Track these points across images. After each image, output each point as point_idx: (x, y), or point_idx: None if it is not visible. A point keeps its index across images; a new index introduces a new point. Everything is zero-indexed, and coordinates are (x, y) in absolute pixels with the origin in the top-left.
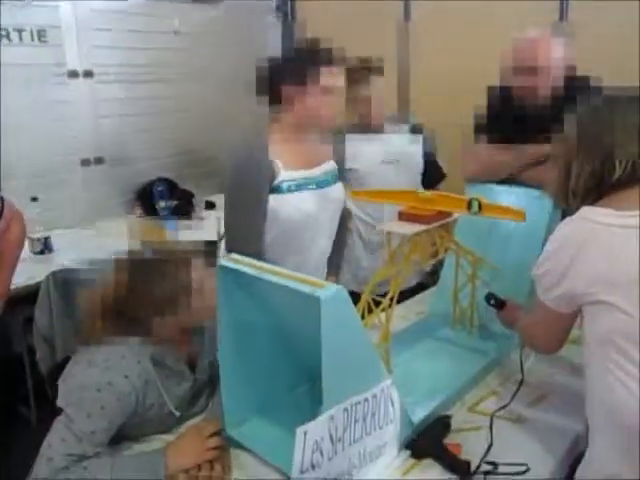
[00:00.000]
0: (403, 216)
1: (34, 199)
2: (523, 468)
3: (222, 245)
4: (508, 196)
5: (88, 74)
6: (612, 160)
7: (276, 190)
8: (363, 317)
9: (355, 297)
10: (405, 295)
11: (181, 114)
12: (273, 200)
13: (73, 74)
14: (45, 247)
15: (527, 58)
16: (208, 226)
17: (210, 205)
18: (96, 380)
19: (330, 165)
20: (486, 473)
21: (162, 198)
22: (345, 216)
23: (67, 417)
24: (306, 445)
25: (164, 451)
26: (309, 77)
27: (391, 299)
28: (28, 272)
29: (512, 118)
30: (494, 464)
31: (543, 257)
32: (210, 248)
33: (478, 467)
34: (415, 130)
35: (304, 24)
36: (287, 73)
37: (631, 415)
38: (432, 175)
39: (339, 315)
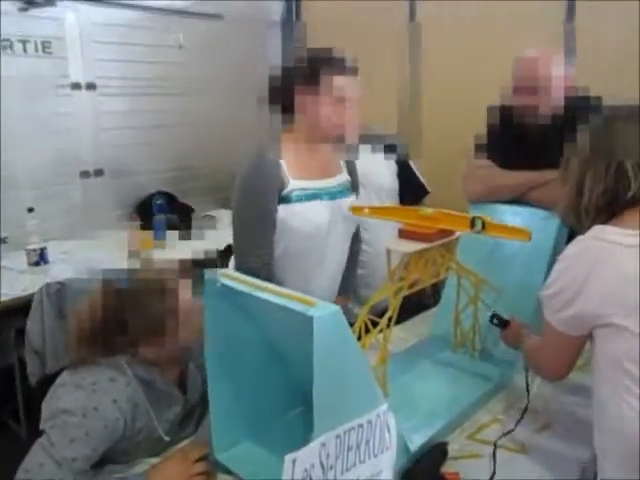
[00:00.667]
0: (403, 233)
1: (30, 210)
2: None
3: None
4: (513, 216)
5: (91, 86)
6: (627, 176)
7: (285, 200)
8: (360, 338)
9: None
10: (405, 311)
11: (183, 128)
12: (282, 210)
13: (76, 86)
14: (41, 258)
15: (527, 78)
16: (208, 237)
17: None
18: (82, 404)
19: (344, 177)
20: None
21: (161, 211)
22: (358, 234)
23: (48, 441)
24: (295, 473)
25: (146, 475)
26: (322, 86)
27: (389, 319)
28: (23, 283)
29: (516, 140)
30: None
31: (553, 277)
32: (198, 270)
33: None
34: (389, 149)
35: (305, 25)
36: (300, 82)
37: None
38: (412, 193)
39: (333, 335)
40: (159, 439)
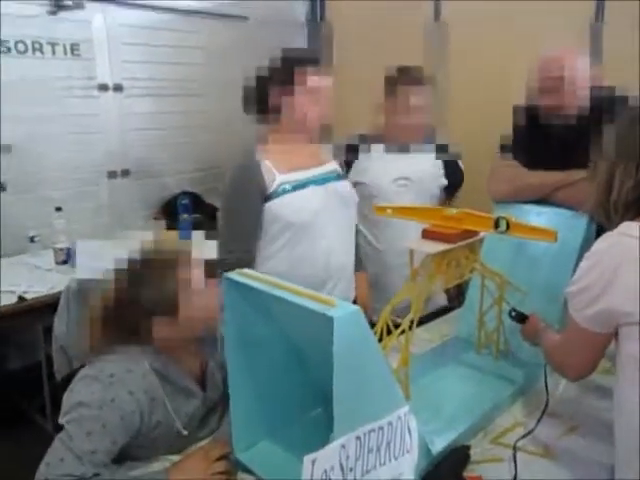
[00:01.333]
0: (427, 234)
1: (58, 209)
2: None
3: None
4: (538, 216)
5: (118, 88)
6: None
7: (274, 195)
8: (381, 339)
9: None
10: (427, 319)
11: (208, 128)
12: (273, 205)
13: (103, 87)
14: (68, 257)
15: (552, 77)
16: None
17: None
18: (99, 397)
19: (332, 165)
20: None
21: (186, 211)
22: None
23: (67, 435)
24: (314, 475)
25: (167, 473)
26: (296, 79)
27: (411, 321)
28: (51, 282)
29: (541, 140)
30: None
31: (579, 274)
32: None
33: None
34: (441, 149)
35: (331, 25)
36: (274, 78)
37: None
38: (454, 183)
39: (353, 336)
40: (177, 434)
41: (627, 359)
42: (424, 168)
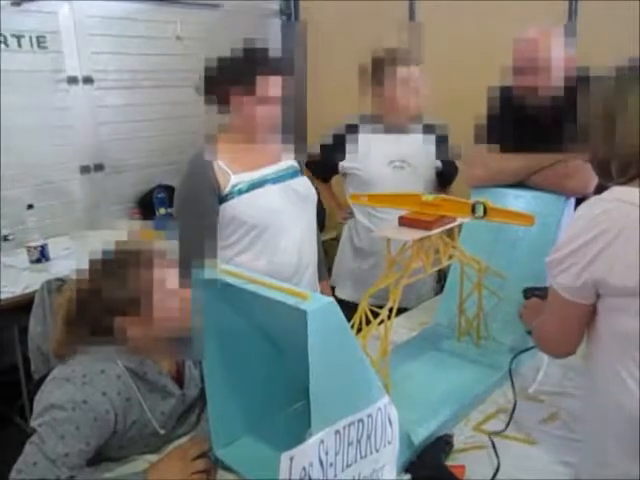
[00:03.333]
0: (404, 221)
1: (30, 206)
2: None
3: None
4: (516, 200)
5: (88, 80)
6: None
7: (230, 196)
8: (360, 329)
9: (348, 307)
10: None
11: (182, 120)
12: (229, 207)
13: (73, 80)
14: (42, 255)
15: (527, 59)
16: None
17: None
18: (71, 397)
19: (288, 162)
20: None
21: (162, 205)
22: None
23: (39, 438)
24: (292, 473)
25: (145, 473)
26: (245, 86)
27: (390, 310)
28: (25, 281)
29: (515, 123)
30: None
31: (566, 239)
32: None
33: None
34: (428, 130)
35: (305, 24)
36: (226, 79)
37: None
38: (449, 173)
39: (328, 328)
40: (154, 433)
41: (609, 332)
42: (419, 148)
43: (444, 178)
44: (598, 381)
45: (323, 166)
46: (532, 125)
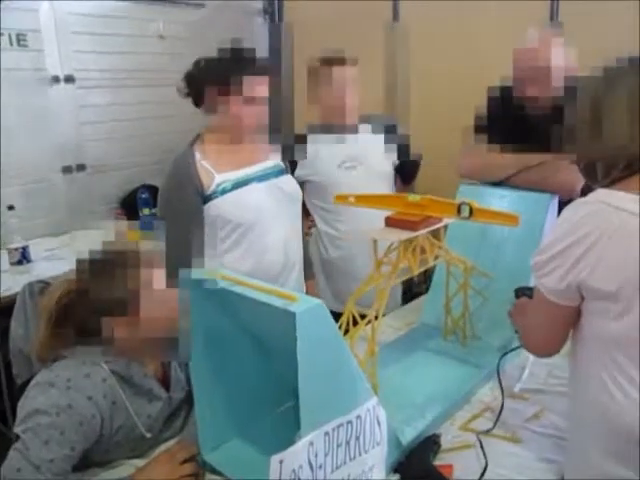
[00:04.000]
0: (390, 222)
1: (10, 207)
2: None
3: None
4: (501, 199)
5: (69, 79)
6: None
7: (214, 195)
8: (347, 330)
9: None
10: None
11: (165, 120)
12: (214, 206)
13: (54, 79)
14: (23, 257)
15: (527, 69)
16: None
17: None
18: (55, 402)
19: (272, 162)
20: None
21: (146, 205)
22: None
23: (23, 444)
24: (282, 475)
25: (132, 478)
26: (232, 87)
27: (377, 311)
28: (6, 283)
29: (514, 123)
30: None
31: (550, 241)
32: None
33: None
34: (377, 127)
35: (291, 25)
36: (212, 79)
37: (631, 420)
38: (409, 171)
39: (317, 330)
40: (141, 437)
41: (593, 335)
42: (369, 147)
43: (404, 173)
44: (580, 382)
45: None
46: (529, 126)
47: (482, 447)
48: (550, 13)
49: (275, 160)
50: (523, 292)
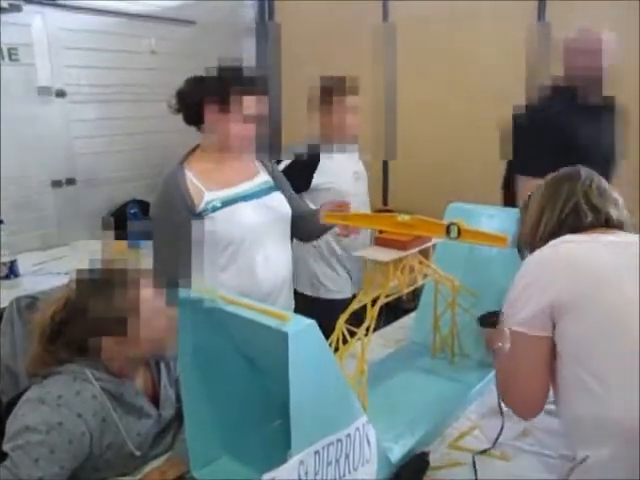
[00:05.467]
0: (380, 241)
1: None
2: None
3: None
4: (489, 219)
5: (60, 94)
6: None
7: (204, 213)
8: (337, 348)
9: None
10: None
11: (156, 135)
12: (204, 225)
13: (45, 93)
14: (11, 271)
15: (582, 49)
16: None
17: None
18: (46, 419)
19: (261, 178)
20: None
21: (135, 220)
22: None
23: (12, 462)
24: None
25: None
26: (232, 105)
27: (367, 329)
28: None
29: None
30: None
31: (518, 279)
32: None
33: None
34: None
35: (279, 26)
36: (211, 98)
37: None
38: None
39: (309, 350)
40: (130, 454)
41: (566, 351)
42: (360, 163)
43: None
44: (563, 391)
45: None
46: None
47: (475, 466)
48: (538, 13)
49: (264, 177)
50: (488, 320)
